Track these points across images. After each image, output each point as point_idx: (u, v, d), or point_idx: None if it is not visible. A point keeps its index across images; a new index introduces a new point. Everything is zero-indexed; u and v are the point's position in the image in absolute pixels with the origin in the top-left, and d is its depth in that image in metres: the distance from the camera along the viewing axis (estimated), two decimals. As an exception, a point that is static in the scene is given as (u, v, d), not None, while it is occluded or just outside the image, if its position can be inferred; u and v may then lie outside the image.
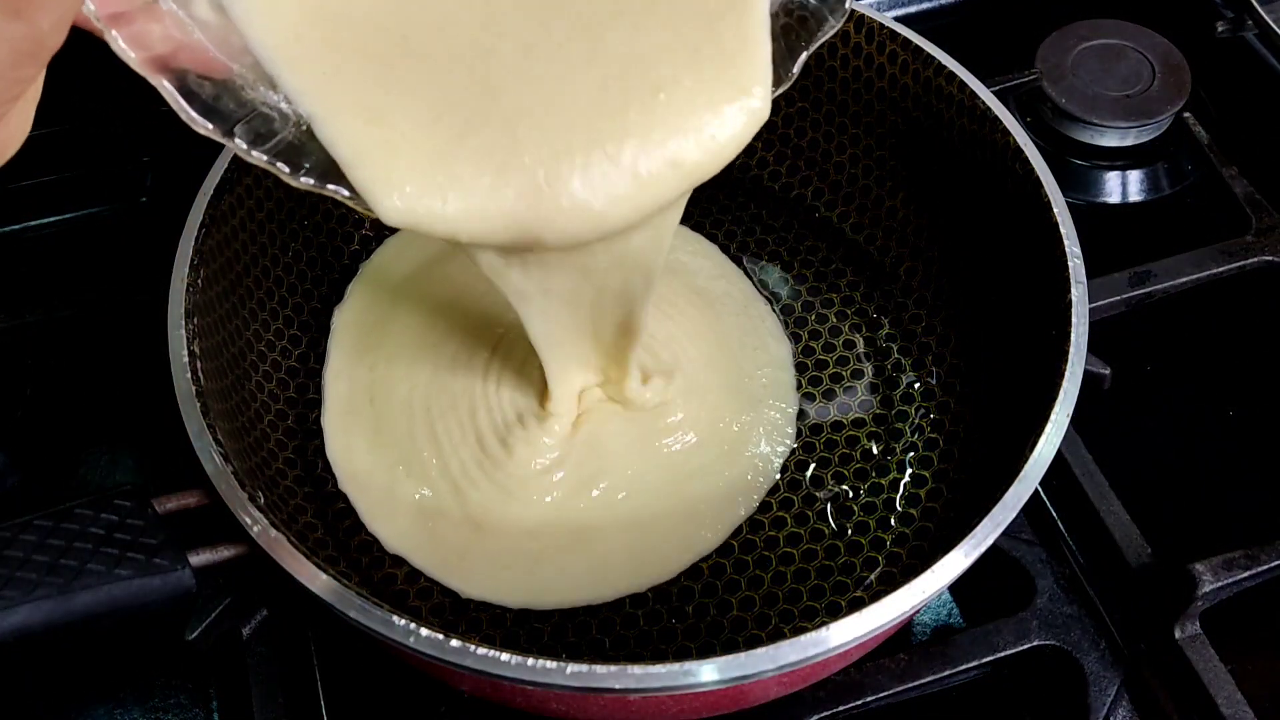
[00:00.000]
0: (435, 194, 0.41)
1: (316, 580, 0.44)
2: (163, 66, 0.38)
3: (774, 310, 0.64)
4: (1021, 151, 0.56)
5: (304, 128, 0.41)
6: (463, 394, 0.58)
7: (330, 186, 0.41)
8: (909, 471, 0.58)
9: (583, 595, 0.54)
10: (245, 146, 0.40)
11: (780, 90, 0.44)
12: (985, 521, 0.45)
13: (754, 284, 0.65)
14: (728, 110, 0.42)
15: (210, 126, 0.39)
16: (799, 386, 0.61)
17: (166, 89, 0.38)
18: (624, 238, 0.45)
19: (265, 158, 0.40)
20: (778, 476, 0.58)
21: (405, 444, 0.57)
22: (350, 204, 0.41)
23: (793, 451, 0.59)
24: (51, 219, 0.70)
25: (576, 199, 0.41)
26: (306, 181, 0.41)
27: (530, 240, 0.42)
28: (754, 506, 0.57)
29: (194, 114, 0.39)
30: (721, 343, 0.62)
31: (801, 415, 0.60)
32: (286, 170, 0.40)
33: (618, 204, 0.42)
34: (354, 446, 0.58)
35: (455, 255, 0.64)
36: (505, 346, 0.59)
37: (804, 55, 0.45)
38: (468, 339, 0.60)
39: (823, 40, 0.45)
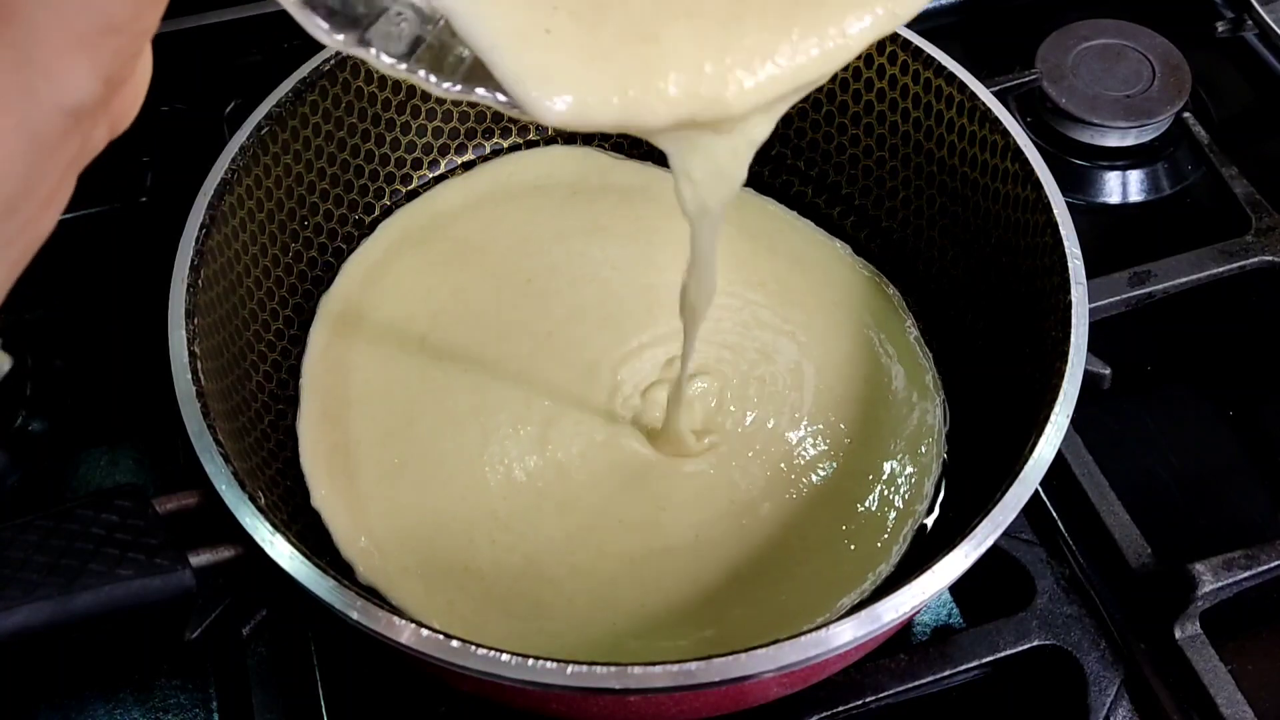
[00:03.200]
0: (600, 90, 0.37)
1: (317, 581, 0.44)
2: None
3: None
4: (1021, 152, 0.56)
5: (441, 23, 0.36)
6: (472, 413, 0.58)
7: (480, 92, 0.37)
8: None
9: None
10: (382, 56, 0.36)
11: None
12: (985, 522, 0.45)
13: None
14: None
15: (341, 38, 0.35)
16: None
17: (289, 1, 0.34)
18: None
19: (404, 66, 0.36)
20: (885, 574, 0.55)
21: (393, 460, 0.57)
22: (502, 109, 0.38)
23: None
24: (51, 219, 0.70)
25: (739, 77, 0.38)
26: (451, 89, 0.37)
27: (694, 117, 0.39)
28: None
29: (320, 24, 0.35)
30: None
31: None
32: (431, 79, 0.37)
33: (771, 82, 0.40)
34: (321, 459, 0.57)
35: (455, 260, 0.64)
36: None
37: None
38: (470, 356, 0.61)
39: None
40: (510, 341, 0.60)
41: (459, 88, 0.37)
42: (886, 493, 0.56)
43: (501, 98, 0.37)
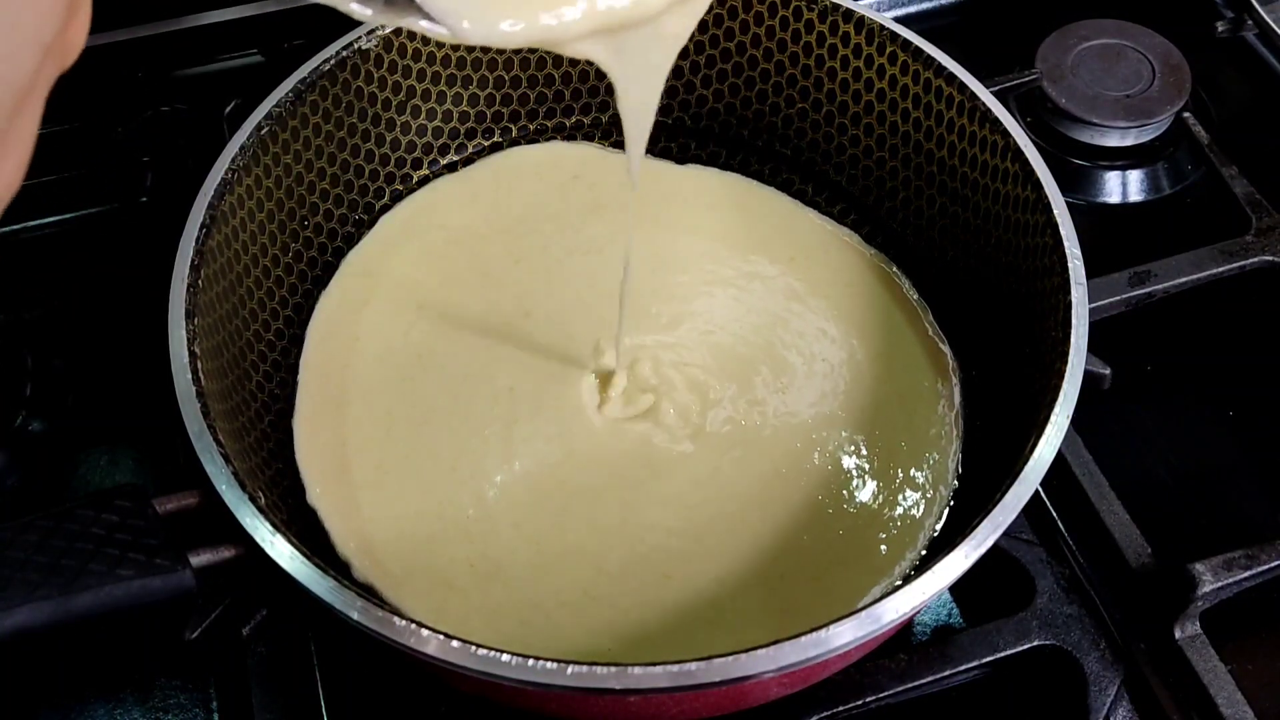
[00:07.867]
0: (515, 10, 0.38)
1: (317, 581, 0.44)
2: None
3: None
4: (1021, 152, 0.56)
5: None
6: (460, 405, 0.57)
7: (412, 20, 0.38)
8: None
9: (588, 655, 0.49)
10: None
11: None
12: (985, 522, 0.45)
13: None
14: None
15: None
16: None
17: None
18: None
19: None
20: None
21: (386, 455, 0.56)
22: (426, 32, 0.39)
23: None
24: (51, 219, 0.70)
25: None
26: (366, 13, 0.38)
27: (614, 24, 0.40)
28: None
29: None
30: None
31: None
32: (355, 6, 0.38)
33: None
34: (320, 456, 0.56)
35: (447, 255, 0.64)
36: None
37: None
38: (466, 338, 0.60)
39: None
40: (493, 329, 0.60)
41: (370, 13, 0.38)
42: (919, 488, 0.56)
43: (423, 23, 0.38)
